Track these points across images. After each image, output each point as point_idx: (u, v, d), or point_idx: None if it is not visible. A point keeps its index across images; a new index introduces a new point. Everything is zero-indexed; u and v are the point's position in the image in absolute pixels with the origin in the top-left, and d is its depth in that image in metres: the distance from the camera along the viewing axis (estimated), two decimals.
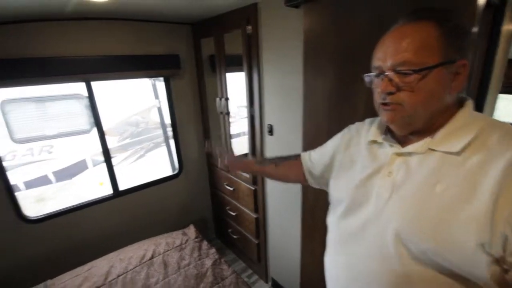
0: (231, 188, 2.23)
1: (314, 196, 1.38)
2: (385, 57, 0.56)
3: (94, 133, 2.07)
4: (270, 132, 1.73)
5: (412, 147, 0.59)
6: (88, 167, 5.13)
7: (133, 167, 5.37)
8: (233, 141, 2.19)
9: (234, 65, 1.93)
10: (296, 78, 1.39)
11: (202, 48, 2.16)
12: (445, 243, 0.50)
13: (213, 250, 1.85)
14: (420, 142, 0.58)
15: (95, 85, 1.92)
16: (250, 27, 1.61)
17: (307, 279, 1.61)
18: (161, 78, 2.22)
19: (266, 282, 2.24)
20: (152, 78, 2.41)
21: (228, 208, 2.36)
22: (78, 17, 1.67)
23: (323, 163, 0.86)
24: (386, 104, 0.58)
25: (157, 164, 4.69)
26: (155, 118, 5.35)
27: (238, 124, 2.85)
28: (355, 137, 0.78)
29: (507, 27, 0.84)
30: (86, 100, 1.94)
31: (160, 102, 2.75)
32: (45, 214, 1.90)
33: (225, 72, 1.95)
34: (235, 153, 1.11)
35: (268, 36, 1.55)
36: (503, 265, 0.47)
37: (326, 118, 1.23)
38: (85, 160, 5.11)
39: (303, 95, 1.32)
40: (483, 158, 0.50)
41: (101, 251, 1.88)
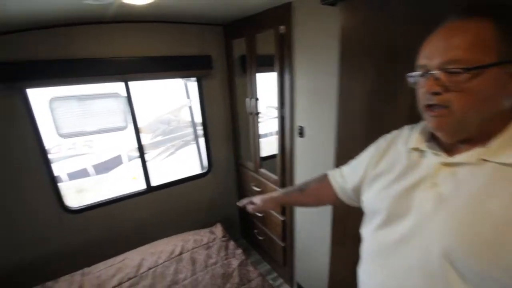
0: (259, 189, 2.22)
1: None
2: (432, 55, 0.51)
3: (129, 130, 2.17)
4: (301, 134, 1.69)
5: (462, 157, 0.53)
6: (123, 162, 5.44)
7: (164, 164, 5.60)
8: (261, 141, 2.18)
9: (265, 66, 1.92)
10: (330, 79, 1.34)
11: (234, 49, 2.18)
12: (505, 268, 0.44)
13: (240, 251, 1.85)
14: (471, 152, 0.52)
15: (132, 85, 2.01)
16: (283, 27, 1.58)
17: (336, 287, 1.55)
18: (193, 78, 2.27)
19: (291, 287, 2.20)
20: (185, 78, 2.49)
21: None
22: (118, 21, 1.76)
23: (357, 175, 0.81)
24: (432, 109, 0.53)
25: (187, 162, 4.83)
26: (186, 117, 5.52)
27: (266, 124, 2.85)
28: (392, 146, 0.72)
29: None
30: (124, 99, 2.05)
31: (191, 102, 2.82)
32: (85, 205, 2.03)
33: (256, 73, 1.95)
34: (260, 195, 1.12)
35: (301, 36, 1.51)
36: None
37: (363, 121, 1.17)
38: (120, 156, 5.43)
39: (338, 97, 1.27)
40: None
41: (133, 243, 1.97)
